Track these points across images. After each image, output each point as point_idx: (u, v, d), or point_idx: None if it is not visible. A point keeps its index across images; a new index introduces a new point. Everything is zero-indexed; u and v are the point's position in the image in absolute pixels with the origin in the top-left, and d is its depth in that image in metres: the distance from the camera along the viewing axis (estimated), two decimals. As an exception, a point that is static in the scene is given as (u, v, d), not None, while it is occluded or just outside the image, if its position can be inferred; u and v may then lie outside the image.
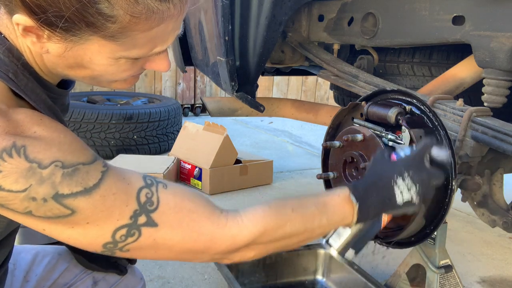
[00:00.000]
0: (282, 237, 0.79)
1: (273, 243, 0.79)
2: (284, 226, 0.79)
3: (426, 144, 0.99)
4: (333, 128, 1.46)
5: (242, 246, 0.75)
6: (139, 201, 0.67)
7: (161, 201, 0.69)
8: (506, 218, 1.42)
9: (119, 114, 3.45)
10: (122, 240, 0.66)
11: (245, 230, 0.74)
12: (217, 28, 1.86)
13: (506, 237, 2.52)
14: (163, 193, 0.69)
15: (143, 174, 0.71)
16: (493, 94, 1.37)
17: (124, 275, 1.17)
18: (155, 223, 0.67)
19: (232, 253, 0.76)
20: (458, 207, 2.88)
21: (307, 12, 2.03)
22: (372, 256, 2.15)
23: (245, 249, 0.76)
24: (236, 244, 0.74)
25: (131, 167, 2.84)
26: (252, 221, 0.76)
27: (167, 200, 0.69)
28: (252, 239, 0.75)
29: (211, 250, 0.73)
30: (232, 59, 1.87)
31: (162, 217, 0.68)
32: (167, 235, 0.68)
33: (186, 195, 0.73)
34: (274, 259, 1.81)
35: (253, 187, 3.08)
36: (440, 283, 1.48)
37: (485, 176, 1.45)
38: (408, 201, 0.91)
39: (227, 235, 0.73)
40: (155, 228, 0.67)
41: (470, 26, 1.39)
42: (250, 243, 0.75)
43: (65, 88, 0.84)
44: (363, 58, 1.95)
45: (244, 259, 0.78)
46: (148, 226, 0.67)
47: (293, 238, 0.81)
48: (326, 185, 1.47)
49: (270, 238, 0.77)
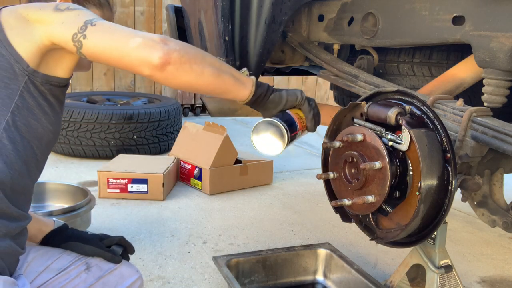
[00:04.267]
0: (199, 60, 0.96)
1: (187, 66, 0.94)
2: (201, 57, 0.97)
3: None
4: (333, 128, 1.46)
5: (165, 59, 0.90)
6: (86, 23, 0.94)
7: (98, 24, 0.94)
8: (506, 218, 1.42)
9: (119, 114, 3.45)
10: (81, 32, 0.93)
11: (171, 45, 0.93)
12: (217, 28, 1.86)
13: (506, 237, 2.52)
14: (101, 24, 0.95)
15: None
16: (493, 94, 1.37)
17: (118, 263, 1.18)
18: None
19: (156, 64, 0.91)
20: (458, 207, 2.88)
21: (307, 12, 2.03)
22: (373, 257, 2.15)
23: (167, 65, 0.91)
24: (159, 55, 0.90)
25: (131, 167, 2.84)
26: (176, 43, 0.94)
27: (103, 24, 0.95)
28: (171, 56, 0.91)
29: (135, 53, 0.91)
30: (232, 59, 1.87)
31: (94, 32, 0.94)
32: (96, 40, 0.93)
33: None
34: (274, 259, 1.81)
35: (253, 187, 3.08)
36: (440, 283, 1.48)
37: (485, 176, 1.45)
38: (290, 89, 1.15)
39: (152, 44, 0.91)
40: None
41: (470, 26, 1.39)
42: (168, 59, 0.91)
43: None
44: (363, 58, 1.95)
45: (170, 77, 0.93)
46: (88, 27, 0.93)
47: (206, 71, 0.97)
48: (326, 185, 1.48)
49: (187, 59, 0.93)
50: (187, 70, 0.93)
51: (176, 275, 1.90)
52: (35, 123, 0.98)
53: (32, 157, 0.99)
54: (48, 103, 0.99)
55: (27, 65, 0.94)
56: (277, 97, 1.12)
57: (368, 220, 1.40)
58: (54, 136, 1.04)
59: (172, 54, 0.91)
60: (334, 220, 2.56)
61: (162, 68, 0.90)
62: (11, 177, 0.94)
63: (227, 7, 1.79)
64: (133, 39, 0.90)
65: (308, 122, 1.16)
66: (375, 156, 1.25)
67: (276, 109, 1.13)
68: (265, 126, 1.10)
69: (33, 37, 0.94)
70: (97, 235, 1.24)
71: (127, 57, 0.91)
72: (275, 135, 1.09)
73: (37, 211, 2.08)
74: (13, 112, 0.94)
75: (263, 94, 1.10)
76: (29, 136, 0.97)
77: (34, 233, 1.19)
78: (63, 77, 1.01)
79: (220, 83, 1.01)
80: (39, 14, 0.94)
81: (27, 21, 0.94)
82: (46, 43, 0.94)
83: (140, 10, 5.04)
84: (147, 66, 0.90)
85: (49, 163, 3.38)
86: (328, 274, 1.85)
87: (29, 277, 1.07)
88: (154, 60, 0.89)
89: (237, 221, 2.51)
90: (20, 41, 0.94)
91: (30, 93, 0.96)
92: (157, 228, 2.35)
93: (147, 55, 0.89)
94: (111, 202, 2.67)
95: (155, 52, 0.90)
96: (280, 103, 1.12)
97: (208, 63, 0.98)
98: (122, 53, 0.91)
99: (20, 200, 0.98)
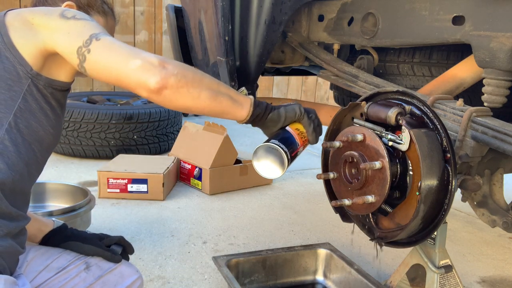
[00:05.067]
0: (196, 83, 0.97)
1: (185, 90, 0.95)
2: (199, 80, 0.98)
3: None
4: (333, 128, 1.46)
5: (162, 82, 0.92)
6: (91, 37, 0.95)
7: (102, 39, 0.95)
8: (506, 218, 1.42)
9: (119, 114, 3.45)
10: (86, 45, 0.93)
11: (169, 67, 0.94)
12: (217, 28, 1.86)
13: (506, 237, 2.52)
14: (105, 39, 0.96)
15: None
16: (493, 94, 1.37)
17: (118, 262, 1.18)
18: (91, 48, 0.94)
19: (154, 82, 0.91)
20: (458, 207, 2.88)
21: (307, 12, 2.03)
22: (374, 257, 2.15)
23: (164, 87, 0.92)
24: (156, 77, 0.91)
25: (131, 167, 2.84)
26: (175, 66, 0.95)
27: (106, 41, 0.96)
28: (168, 80, 0.92)
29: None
30: (232, 59, 1.87)
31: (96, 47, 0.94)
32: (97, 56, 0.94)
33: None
34: (274, 259, 1.81)
35: (253, 187, 3.08)
36: (440, 283, 1.48)
37: (485, 176, 1.45)
38: (288, 104, 1.15)
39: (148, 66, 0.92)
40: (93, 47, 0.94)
41: (470, 26, 1.39)
42: (165, 84, 0.92)
43: None
44: (363, 58, 1.95)
45: (166, 97, 0.94)
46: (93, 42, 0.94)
47: (202, 94, 0.98)
48: (326, 185, 1.48)
49: (184, 83, 0.94)
50: (184, 94, 0.95)
51: (176, 275, 1.90)
52: (36, 125, 0.98)
53: (33, 159, 1.00)
54: (50, 107, 1.00)
55: (31, 68, 0.95)
56: (276, 115, 1.12)
57: (368, 220, 1.40)
58: (55, 139, 1.05)
59: (169, 79, 0.92)
60: (334, 220, 2.56)
61: (159, 92, 0.92)
62: (12, 178, 0.94)
63: (227, 7, 1.79)
64: (133, 61, 0.91)
65: (309, 136, 1.16)
66: (375, 156, 1.25)
67: (275, 127, 1.14)
68: (264, 153, 1.09)
69: (36, 41, 0.95)
70: (96, 234, 1.24)
71: (126, 78, 0.92)
72: (275, 161, 1.08)
73: (37, 211, 2.08)
74: (16, 114, 0.95)
75: (261, 114, 1.10)
76: (31, 139, 0.98)
77: (34, 233, 1.19)
78: (65, 81, 1.02)
79: (217, 106, 1.01)
80: (44, 19, 0.95)
81: (32, 25, 0.95)
82: (48, 48, 0.95)
83: (140, 10, 5.04)
84: (144, 89, 0.92)
85: (49, 163, 3.37)
86: (328, 274, 1.85)
87: (29, 276, 1.07)
88: (151, 84, 0.91)
89: (237, 221, 2.51)
90: (24, 44, 0.95)
91: (33, 96, 0.96)
92: (157, 228, 2.35)
93: (145, 79, 0.91)
94: (111, 202, 2.67)
95: (152, 76, 0.90)
96: (279, 121, 1.13)
97: (205, 86, 0.98)
98: (122, 73, 0.92)
99: (19, 201, 0.98)
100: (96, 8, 1.18)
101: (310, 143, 1.18)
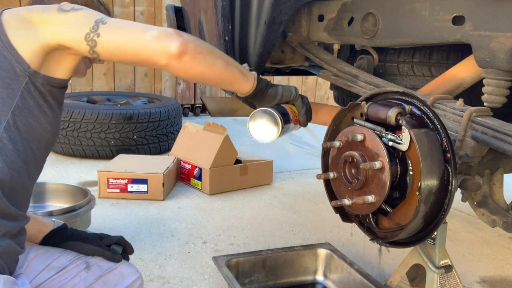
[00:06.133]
0: (210, 52, 1.01)
1: (202, 56, 0.97)
2: (211, 49, 1.02)
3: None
4: (333, 128, 1.46)
5: (180, 49, 0.93)
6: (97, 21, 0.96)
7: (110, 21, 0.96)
8: (506, 218, 1.42)
9: (119, 114, 3.45)
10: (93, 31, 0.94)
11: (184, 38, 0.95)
12: (217, 28, 1.86)
13: (506, 237, 2.52)
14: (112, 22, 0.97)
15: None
16: (493, 94, 1.37)
17: (118, 262, 1.18)
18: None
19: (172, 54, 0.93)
20: (458, 207, 2.88)
21: (307, 12, 2.03)
22: (374, 257, 2.15)
23: (181, 55, 0.93)
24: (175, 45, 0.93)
25: (131, 167, 2.84)
26: (189, 36, 0.96)
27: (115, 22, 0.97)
28: (187, 46, 0.94)
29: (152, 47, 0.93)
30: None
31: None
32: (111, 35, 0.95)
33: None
34: (274, 259, 1.81)
35: (253, 187, 3.08)
36: (440, 283, 1.48)
37: (485, 176, 1.45)
38: (285, 85, 1.21)
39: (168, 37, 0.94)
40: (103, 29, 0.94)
41: (470, 26, 1.39)
42: (185, 49, 0.93)
43: None
44: (363, 58, 1.95)
45: (183, 66, 0.95)
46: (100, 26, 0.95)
47: (217, 62, 1.01)
48: (326, 185, 1.48)
49: (200, 50, 0.97)
50: (201, 60, 0.97)
51: (176, 275, 1.90)
52: (34, 123, 0.98)
53: (32, 157, 1.00)
54: (48, 104, 1.00)
55: (28, 66, 0.95)
56: (274, 91, 1.19)
57: (368, 220, 1.40)
58: (53, 137, 1.05)
59: (188, 44, 0.94)
60: (334, 220, 2.56)
61: (179, 58, 0.93)
62: (11, 176, 0.94)
63: (227, 7, 1.79)
64: (148, 32, 0.93)
65: (301, 117, 1.23)
66: (375, 156, 1.25)
67: (271, 103, 1.20)
68: (260, 114, 1.17)
69: (36, 38, 0.95)
70: (96, 234, 1.24)
71: (143, 50, 0.93)
72: (270, 121, 1.16)
73: (37, 211, 2.08)
74: (14, 112, 0.95)
75: (263, 89, 1.16)
76: (29, 137, 0.98)
77: (34, 233, 1.19)
78: (63, 78, 1.02)
79: (229, 75, 1.06)
80: (43, 16, 0.95)
81: (30, 23, 0.95)
82: (51, 43, 0.95)
83: (140, 10, 5.04)
84: (164, 55, 0.93)
85: (49, 163, 3.38)
86: (328, 274, 1.85)
87: (29, 276, 1.07)
88: (172, 49, 0.92)
89: (237, 221, 2.51)
90: (22, 43, 0.95)
91: (30, 94, 0.96)
92: (157, 228, 2.35)
93: (165, 45, 0.92)
94: (111, 202, 2.67)
95: (172, 42, 0.92)
96: (276, 98, 1.19)
97: (218, 55, 1.03)
98: (138, 46, 0.93)
99: (19, 199, 0.99)
100: (93, 9, 1.17)
101: (301, 125, 1.25)
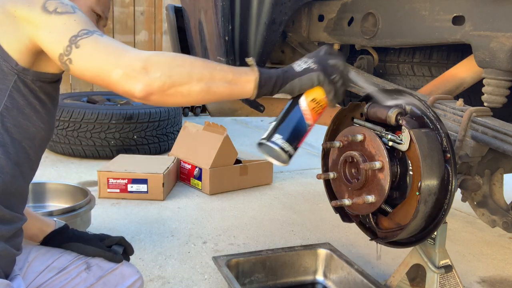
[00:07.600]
0: (185, 80, 0.92)
1: (173, 90, 0.91)
2: (187, 75, 0.92)
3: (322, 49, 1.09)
4: (333, 128, 1.46)
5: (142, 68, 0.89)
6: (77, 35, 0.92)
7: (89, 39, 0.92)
8: (506, 218, 1.42)
9: (119, 114, 3.45)
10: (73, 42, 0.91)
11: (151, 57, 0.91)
12: (217, 28, 1.86)
13: (506, 237, 2.52)
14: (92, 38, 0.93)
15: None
16: (493, 94, 1.37)
17: (119, 262, 1.18)
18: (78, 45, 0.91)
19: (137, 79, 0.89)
20: (458, 207, 2.88)
21: (307, 12, 2.03)
22: (374, 258, 2.15)
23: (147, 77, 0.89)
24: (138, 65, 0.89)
25: (131, 167, 2.84)
26: (158, 68, 0.90)
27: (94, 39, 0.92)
28: (152, 86, 0.89)
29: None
30: (232, 59, 1.87)
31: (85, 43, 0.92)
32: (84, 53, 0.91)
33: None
34: (274, 259, 1.81)
35: (253, 187, 3.08)
36: (440, 283, 1.48)
37: (485, 176, 1.45)
38: (306, 68, 1.02)
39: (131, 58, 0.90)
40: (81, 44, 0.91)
41: (470, 26, 1.39)
42: (150, 90, 0.89)
43: None
44: (363, 58, 1.95)
45: (147, 90, 0.89)
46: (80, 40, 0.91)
47: (195, 89, 0.92)
48: (326, 185, 1.48)
49: (171, 83, 0.90)
50: (172, 94, 0.91)
51: (176, 275, 1.90)
52: (26, 122, 0.96)
53: (25, 157, 0.98)
54: (39, 101, 0.98)
55: (16, 63, 0.92)
56: (288, 89, 1.02)
57: (368, 220, 1.40)
58: (48, 134, 1.03)
59: (153, 84, 0.88)
60: (334, 220, 2.56)
61: (147, 98, 0.90)
62: (3, 180, 0.93)
63: (227, 7, 1.79)
64: (115, 71, 0.88)
65: (329, 101, 1.05)
66: (375, 156, 1.25)
67: (288, 96, 1.07)
68: (264, 150, 1.05)
69: (20, 35, 0.92)
70: (97, 235, 1.24)
71: (113, 87, 0.91)
72: (276, 159, 1.04)
73: (37, 211, 2.08)
74: (2, 113, 0.92)
75: (269, 92, 1.01)
76: (20, 137, 0.95)
77: (35, 232, 1.19)
78: (55, 72, 0.99)
79: (211, 97, 0.96)
80: (26, 12, 0.91)
81: (14, 18, 0.91)
82: (34, 43, 0.92)
83: (140, 10, 5.04)
84: (132, 97, 0.90)
85: (49, 163, 3.39)
86: (328, 274, 1.85)
87: (29, 276, 1.07)
88: (136, 93, 0.89)
89: (237, 221, 2.51)
90: (8, 39, 0.91)
91: (19, 92, 0.94)
92: (157, 228, 2.35)
93: (129, 89, 0.89)
94: (111, 202, 2.67)
95: (136, 84, 0.88)
96: (292, 93, 1.04)
97: (196, 79, 0.92)
98: (108, 83, 0.91)
99: (13, 201, 0.97)
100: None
101: (329, 107, 1.08)
